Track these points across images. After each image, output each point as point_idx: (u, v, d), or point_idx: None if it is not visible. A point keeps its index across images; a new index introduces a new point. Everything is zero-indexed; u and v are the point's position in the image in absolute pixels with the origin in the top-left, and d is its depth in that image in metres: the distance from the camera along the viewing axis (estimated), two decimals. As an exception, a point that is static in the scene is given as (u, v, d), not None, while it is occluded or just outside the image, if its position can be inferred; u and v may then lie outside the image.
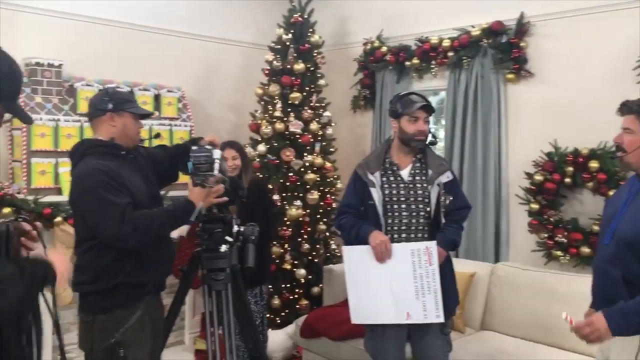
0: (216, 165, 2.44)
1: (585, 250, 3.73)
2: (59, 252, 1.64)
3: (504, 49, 4.14)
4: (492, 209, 4.22)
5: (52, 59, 3.99)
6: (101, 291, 2.35)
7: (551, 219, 3.93)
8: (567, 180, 3.83)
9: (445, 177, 2.83)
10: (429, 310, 2.71)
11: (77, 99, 4.11)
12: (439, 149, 4.46)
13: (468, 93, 4.34)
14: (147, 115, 2.60)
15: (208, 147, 2.47)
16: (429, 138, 2.87)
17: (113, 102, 2.44)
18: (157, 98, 4.56)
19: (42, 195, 3.75)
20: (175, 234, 3.24)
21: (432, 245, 2.70)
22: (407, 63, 4.74)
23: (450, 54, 4.42)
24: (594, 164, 3.70)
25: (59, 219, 3.74)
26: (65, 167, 3.93)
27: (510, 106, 4.23)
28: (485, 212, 4.23)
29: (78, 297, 2.46)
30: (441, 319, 2.72)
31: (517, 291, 3.66)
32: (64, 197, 3.82)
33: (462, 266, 3.62)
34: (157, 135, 3.09)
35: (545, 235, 3.96)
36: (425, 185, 2.83)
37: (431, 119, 2.95)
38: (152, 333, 2.49)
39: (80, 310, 2.43)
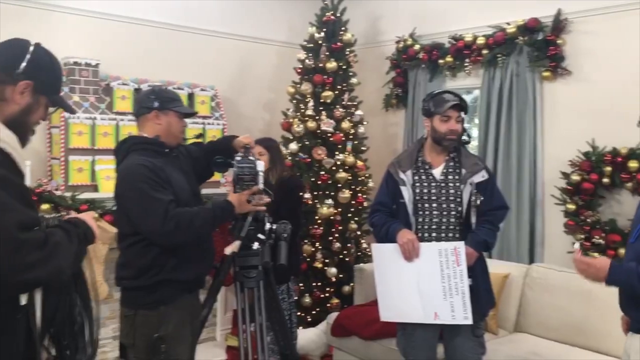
0: (260, 179, 2.47)
1: (623, 252, 3.64)
2: (87, 214, 1.75)
3: (540, 47, 4.07)
4: (526, 209, 4.15)
5: (89, 58, 4.07)
6: (144, 287, 2.38)
7: (588, 220, 3.85)
8: (605, 180, 3.75)
9: (480, 177, 2.79)
10: (456, 311, 2.69)
11: (113, 97, 4.19)
12: (472, 148, 4.41)
13: (503, 91, 4.28)
14: (190, 115, 2.63)
15: (251, 157, 2.49)
16: (464, 137, 2.84)
17: (159, 100, 2.47)
18: (190, 97, 4.61)
19: (79, 192, 3.83)
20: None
21: (460, 245, 2.67)
22: (440, 61, 4.70)
23: (484, 51, 4.37)
24: (633, 164, 3.62)
25: (95, 215, 3.81)
26: (101, 165, 4.02)
27: (546, 105, 4.15)
28: (520, 212, 4.16)
29: (120, 291, 2.50)
30: (469, 321, 2.69)
31: (552, 293, 3.59)
32: (100, 194, 3.91)
33: (495, 267, 3.56)
34: (200, 135, 3.12)
35: (582, 236, 3.87)
36: (457, 184, 2.80)
37: (465, 117, 2.91)
38: (191, 329, 2.52)
39: (122, 304, 2.47)
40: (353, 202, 4.71)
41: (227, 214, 2.47)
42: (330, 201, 4.57)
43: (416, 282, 2.74)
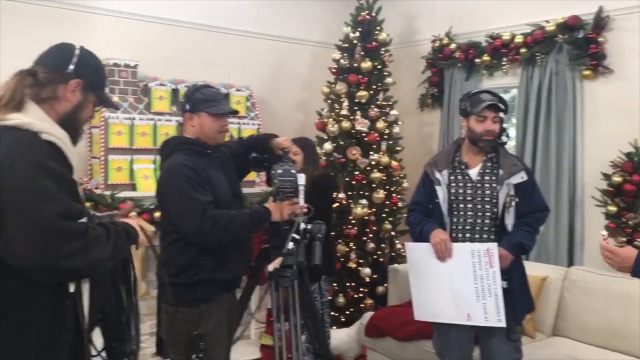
0: (301, 193, 2.49)
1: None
2: (132, 219, 1.85)
3: (580, 45, 3.98)
4: (565, 211, 4.06)
5: (128, 59, 4.15)
6: (185, 284, 2.42)
7: (630, 222, 3.75)
8: (648, 181, 3.65)
9: (519, 178, 2.74)
10: (489, 313, 2.66)
11: (151, 98, 4.26)
12: (509, 148, 4.33)
13: (541, 90, 4.20)
14: (226, 114, 2.58)
15: (293, 171, 2.51)
16: (502, 137, 2.80)
17: (190, 102, 2.52)
18: (226, 97, 4.65)
19: (118, 190, 3.90)
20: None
21: (493, 247, 2.64)
22: (477, 60, 4.64)
23: (522, 50, 4.30)
24: (678, 165, 3.51)
25: (133, 213, 3.88)
26: (139, 164, 4.09)
27: (587, 104, 4.06)
28: (559, 213, 4.07)
29: (158, 287, 2.55)
30: (502, 324, 2.65)
31: (592, 296, 3.51)
32: (138, 193, 3.98)
33: (533, 270, 3.50)
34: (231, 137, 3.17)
35: (624, 239, 3.77)
36: (494, 185, 2.76)
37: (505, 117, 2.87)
38: (229, 328, 2.55)
39: (163, 301, 2.52)
40: (387, 202, 4.68)
41: (264, 221, 2.50)
42: (364, 201, 4.55)
43: (449, 283, 2.73)
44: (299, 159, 3.55)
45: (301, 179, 2.52)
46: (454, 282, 2.72)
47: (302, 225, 2.59)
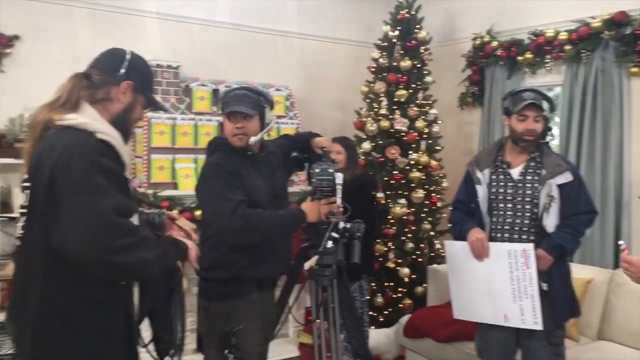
0: (339, 192, 2.49)
1: None
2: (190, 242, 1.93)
3: (628, 41, 3.87)
4: (611, 212, 3.95)
5: (170, 60, 4.23)
6: (216, 280, 2.48)
7: (680, 224, 3.63)
8: (700, 182, 3.52)
9: (563, 179, 2.68)
10: (526, 315, 2.62)
11: (192, 98, 4.32)
12: (553, 147, 4.25)
13: (587, 88, 4.10)
14: (233, 113, 2.52)
15: (331, 170, 2.52)
16: (548, 136, 2.75)
17: (221, 106, 2.61)
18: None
19: (160, 189, 3.98)
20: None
21: (529, 247, 2.59)
22: (519, 58, 4.56)
23: (567, 47, 4.20)
24: None
25: (175, 211, 3.94)
26: (181, 163, 4.16)
27: (634, 102, 3.94)
28: (604, 214, 3.96)
29: (198, 282, 2.60)
30: (539, 327, 2.61)
31: (639, 300, 3.40)
32: (180, 192, 4.05)
33: (578, 272, 3.41)
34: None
35: (673, 241, 3.66)
36: (536, 185, 2.70)
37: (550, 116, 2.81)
38: (263, 326, 2.57)
39: (199, 295, 2.59)
40: (426, 202, 4.64)
41: (298, 221, 2.52)
42: (403, 201, 4.53)
43: (486, 282, 2.71)
44: (342, 158, 3.57)
45: (339, 178, 2.51)
46: (491, 282, 2.70)
47: (342, 224, 2.58)
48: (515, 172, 2.77)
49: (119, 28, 4.12)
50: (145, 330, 1.88)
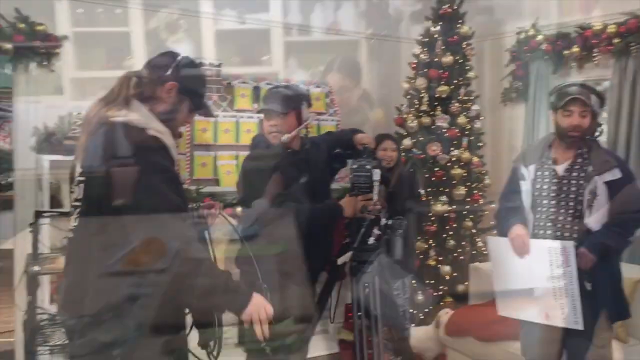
0: (375, 189, 2.50)
1: None
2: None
3: (679, 33, 3.74)
4: (662, 210, 3.82)
5: (213, 59, 4.28)
6: (251, 273, 2.49)
7: None
8: None
9: (610, 175, 2.60)
10: (567, 314, 2.57)
11: (233, 95, 4.37)
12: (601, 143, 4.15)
13: (636, 83, 3.98)
14: (267, 111, 2.63)
15: (368, 166, 2.52)
16: (597, 132, 2.68)
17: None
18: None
19: (202, 185, 4.04)
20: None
21: (569, 245, 2.54)
22: (566, 52, 4.45)
23: (615, 40, 4.08)
24: None
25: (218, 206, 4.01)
26: (222, 160, 4.21)
27: (687, 96, 3.81)
28: (655, 213, 3.84)
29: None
30: (579, 326, 2.55)
31: (692, 301, 3.29)
32: (222, 188, 4.10)
33: (626, 271, 3.30)
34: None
35: None
36: (581, 182, 2.64)
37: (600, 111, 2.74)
38: (300, 320, 2.58)
39: None
40: (468, 199, 4.59)
41: (334, 215, 2.52)
42: (444, 198, 4.48)
43: (528, 279, 2.68)
44: (394, 155, 3.58)
45: (376, 174, 2.52)
46: (532, 279, 2.67)
47: (383, 221, 2.58)
48: (560, 169, 2.71)
49: (165, 28, 4.20)
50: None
